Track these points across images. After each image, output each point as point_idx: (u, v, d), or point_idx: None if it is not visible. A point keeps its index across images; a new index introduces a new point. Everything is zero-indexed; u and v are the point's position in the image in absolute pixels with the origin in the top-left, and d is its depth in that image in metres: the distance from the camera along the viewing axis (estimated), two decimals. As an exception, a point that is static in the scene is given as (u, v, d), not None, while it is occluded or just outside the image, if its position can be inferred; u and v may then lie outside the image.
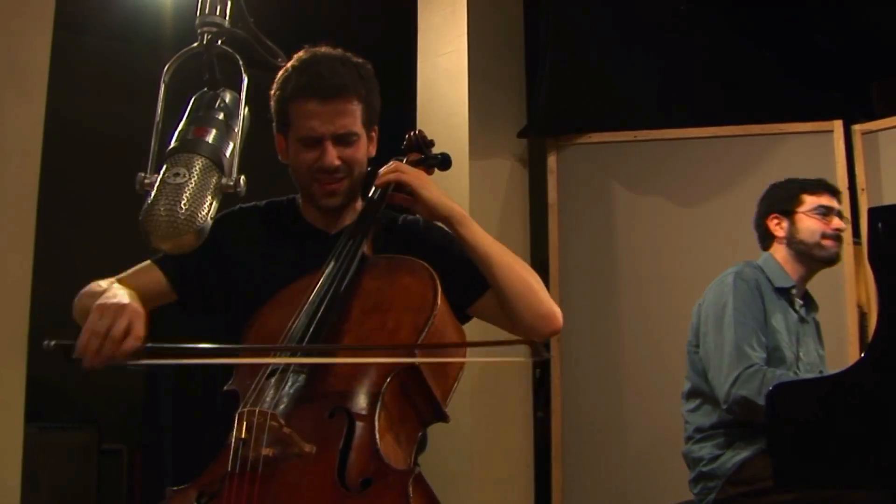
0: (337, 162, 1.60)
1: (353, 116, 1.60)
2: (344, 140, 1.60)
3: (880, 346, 1.71)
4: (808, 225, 2.45)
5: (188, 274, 1.63)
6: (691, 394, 2.43)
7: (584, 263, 3.71)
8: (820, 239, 2.44)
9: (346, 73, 1.58)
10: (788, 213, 2.49)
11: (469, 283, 1.60)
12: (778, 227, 2.50)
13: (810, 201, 2.47)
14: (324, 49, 1.64)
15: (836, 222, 2.46)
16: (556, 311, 1.61)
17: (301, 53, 1.63)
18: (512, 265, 1.59)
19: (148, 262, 1.67)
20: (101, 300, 1.38)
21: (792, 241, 2.47)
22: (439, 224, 1.72)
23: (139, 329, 1.34)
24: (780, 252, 2.49)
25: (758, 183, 3.41)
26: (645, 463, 3.42)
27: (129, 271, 1.65)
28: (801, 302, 2.50)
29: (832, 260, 2.46)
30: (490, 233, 1.62)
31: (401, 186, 1.62)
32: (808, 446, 1.73)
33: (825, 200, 2.47)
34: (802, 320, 2.47)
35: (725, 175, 2.73)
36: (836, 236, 2.45)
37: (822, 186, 2.51)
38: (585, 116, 3.81)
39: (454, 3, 3.81)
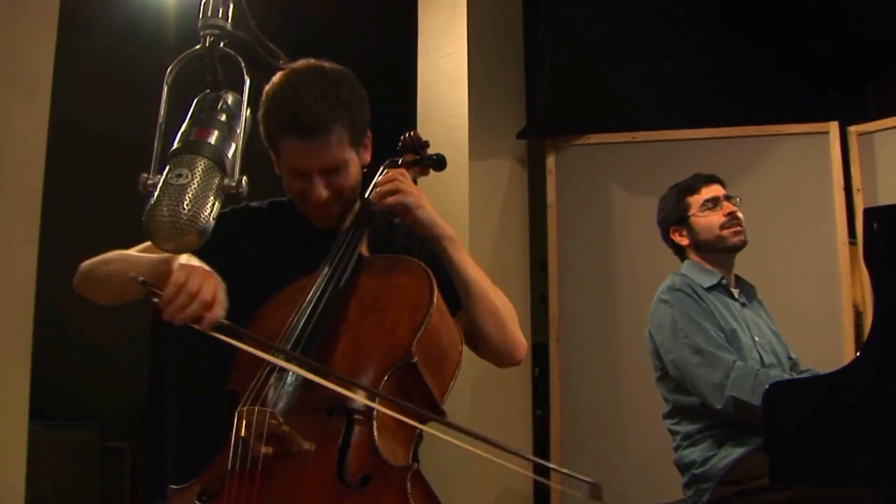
0: (325, 194, 1.56)
1: (339, 147, 1.55)
2: (331, 171, 1.57)
3: (876, 345, 1.71)
4: (704, 224, 2.48)
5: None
6: (671, 413, 2.43)
7: (582, 263, 3.71)
8: (718, 231, 2.46)
9: (326, 106, 1.51)
10: (683, 220, 2.52)
11: (446, 300, 1.59)
12: (681, 237, 2.54)
13: (695, 201, 2.50)
14: (303, 69, 1.57)
15: (727, 207, 2.47)
16: (521, 343, 1.66)
17: (283, 75, 1.56)
18: (488, 294, 1.61)
19: None
20: (183, 261, 1.36)
21: (698, 245, 2.50)
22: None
23: (224, 299, 1.33)
24: (694, 257, 2.53)
25: (755, 184, 3.42)
26: (642, 460, 3.42)
27: (144, 245, 1.60)
28: (737, 290, 2.52)
29: (738, 246, 2.48)
30: (490, 233, 1.62)
31: (404, 208, 1.59)
32: (804, 445, 1.73)
33: (708, 193, 2.49)
34: (744, 305, 2.50)
35: (722, 176, 2.73)
36: (734, 220, 2.46)
37: (699, 181, 2.53)
38: (584, 118, 3.82)
39: (454, 5, 3.81)
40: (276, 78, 1.57)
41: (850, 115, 3.74)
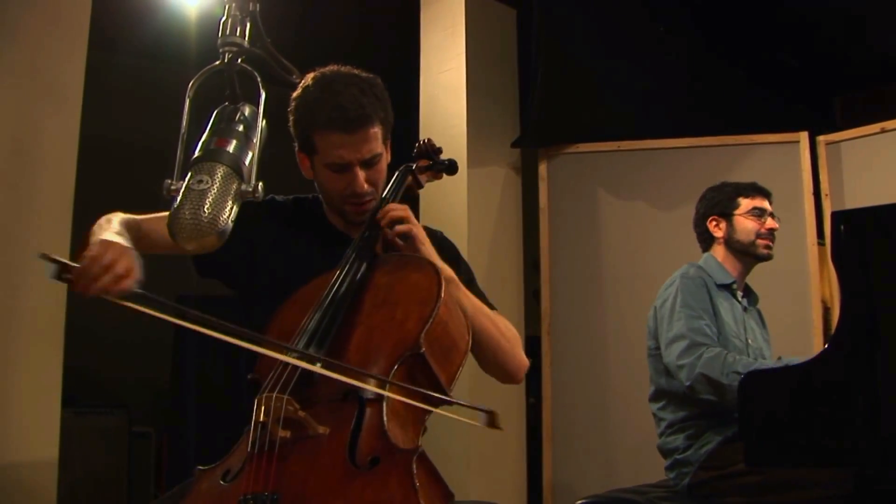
0: (367, 186, 1.58)
1: (377, 139, 1.57)
2: (370, 163, 1.58)
3: (843, 337, 1.71)
4: (746, 226, 2.46)
5: None
6: (657, 395, 2.41)
7: (572, 262, 3.71)
8: (755, 238, 2.45)
9: (367, 102, 1.53)
10: (727, 215, 2.49)
11: None
12: (717, 228, 2.50)
13: (746, 203, 2.48)
14: (336, 71, 1.58)
15: (769, 222, 2.47)
16: (521, 366, 1.67)
17: (316, 78, 1.56)
18: (486, 326, 1.59)
19: None
20: (105, 237, 1.34)
21: (730, 241, 2.48)
22: (449, 241, 1.77)
23: (138, 272, 1.29)
24: (719, 252, 2.50)
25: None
26: (628, 444, 3.42)
27: (155, 215, 1.57)
28: (742, 294, 2.51)
29: (765, 258, 2.47)
30: (486, 234, 1.62)
31: (405, 236, 1.57)
32: (776, 430, 1.73)
33: (759, 202, 2.48)
34: (745, 309, 2.49)
35: (702, 181, 2.74)
36: (770, 235, 2.46)
37: (756, 189, 2.51)
38: (574, 128, 3.82)
39: (454, 24, 3.81)
40: (309, 82, 1.57)
41: (819, 126, 3.76)
